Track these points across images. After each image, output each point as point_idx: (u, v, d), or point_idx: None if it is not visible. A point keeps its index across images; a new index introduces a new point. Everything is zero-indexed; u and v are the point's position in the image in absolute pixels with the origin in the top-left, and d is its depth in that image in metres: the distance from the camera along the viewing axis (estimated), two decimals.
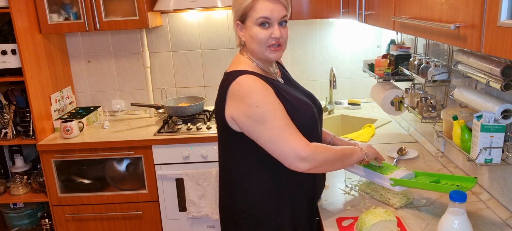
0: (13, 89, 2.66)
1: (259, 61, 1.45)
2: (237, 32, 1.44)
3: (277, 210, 1.45)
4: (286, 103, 1.37)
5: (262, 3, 1.34)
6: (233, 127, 1.38)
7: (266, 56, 1.41)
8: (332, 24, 2.95)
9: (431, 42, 1.99)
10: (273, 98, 1.34)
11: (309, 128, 1.44)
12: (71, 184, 2.67)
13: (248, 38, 1.40)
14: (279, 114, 1.31)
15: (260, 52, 1.40)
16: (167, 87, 3.09)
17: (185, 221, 2.67)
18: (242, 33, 1.42)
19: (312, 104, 1.49)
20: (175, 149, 2.54)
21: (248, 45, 1.42)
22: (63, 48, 2.96)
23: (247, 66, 1.42)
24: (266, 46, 1.39)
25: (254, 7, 1.35)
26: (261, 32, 1.36)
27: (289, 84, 1.54)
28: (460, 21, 1.08)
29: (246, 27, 1.40)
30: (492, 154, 1.33)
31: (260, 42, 1.38)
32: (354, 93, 3.08)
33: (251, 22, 1.37)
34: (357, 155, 1.48)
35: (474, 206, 1.51)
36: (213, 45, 3.01)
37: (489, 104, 1.33)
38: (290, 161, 1.30)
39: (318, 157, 1.32)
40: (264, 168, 1.41)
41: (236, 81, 1.34)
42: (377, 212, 1.36)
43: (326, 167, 1.39)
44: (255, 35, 1.37)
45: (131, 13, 2.63)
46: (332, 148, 1.40)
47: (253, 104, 1.30)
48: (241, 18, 1.40)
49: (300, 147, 1.28)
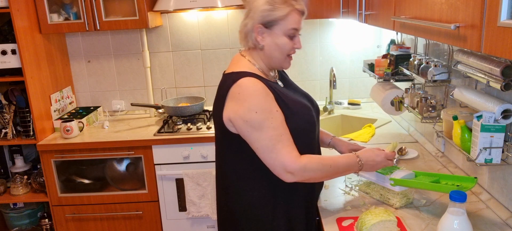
0: (13, 89, 2.66)
1: (263, 64, 1.45)
2: (254, 34, 1.40)
3: (272, 212, 1.45)
4: (285, 108, 1.37)
5: (295, 16, 1.38)
6: (230, 129, 1.38)
7: (281, 64, 1.45)
8: (332, 24, 2.95)
9: (431, 42, 1.99)
10: (272, 106, 1.34)
11: (307, 130, 1.45)
12: (71, 184, 2.67)
13: (272, 44, 1.40)
14: (275, 124, 1.32)
15: (278, 60, 1.43)
16: (167, 87, 3.09)
17: (185, 221, 2.67)
18: (262, 38, 1.40)
19: (310, 107, 1.50)
20: (175, 149, 2.54)
21: (267, 50, 1.42)
22: (63, 48, 2.96)
23: (247, 68, 1.41)
24: (286, 56, 1.43)
25: (287, 18, 1.37)
26: (288, 43, 1.40)
27: (288, 87, 1.54)
28: (460, 21, 1.08)
29: (272, 33, 1.39)
30: (492, 154, 1.33)
31: (284, 52, 1.42)
32: (354, 93, 3.08)
33: (280, 30, 1.38)
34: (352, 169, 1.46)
35: (474, 206, 1.51)
36: (213, 45, 3.01)
37: (489, 104, 1.33)
38: (277, 171, 1.33)
39: (305, 173, 1.33)
40: (260, 170, 1.41)
41: (237, 83, 1.34)
42: (377, 212, 1.36)
43: (313, 181, 1.42)
44: (283, 44, 1.40)
45: (131, 13, 2.63)
46: (326, 165, 1.37)
47: (252, 110, 1.31)
48: (268, 24, 1.38)
49: (288, 161, 1.30)
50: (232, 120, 1.35)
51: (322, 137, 1.71)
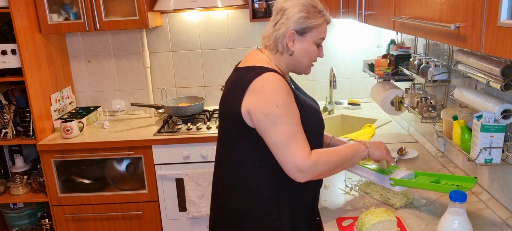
0: (13, 89, 2.66)
1: (285, 67, 1.47)
2: (286, 39, 1.42)
3: (277, 211, 1.45)
4: (301, 109, 1.39)
5: (325, 26, 1.46)
6: (247, 122, 1.38)
7: (305, 71, 1.50)
8: (332, 24, 2.95)
9: (431, 42, 1.99)
10: (292, 102, 1.36)
11: (319, 132, 1.50)
12: (71, 184, 2.67)
13: (302, 51, 1.44)
14: (293, 120, 1.33)
15: (304, 66, 1.48)
16: (167, 87, 3.09)
17: (185, 221, 2.67)
18: (293, 43, 1.43)
19: (318, 109, 1.54)
20: (175, 149, 2.54)
21: (296, 56, 1.45)
22: (63, 48, 2.96)
23: (268, 65, 1.42)
24: (311, 63, 1.49)
25: (321, 27, 1.43)
26: (316, 51, 1.46)
27: (299, 90, 1.57)
28: (460, 21, 1.08)
29: (304, 40, 1.43)
30: (492, 154, 1.33)
31: (311, 59, 1.47)
32: (354, 93, 3.08)
33: (312, 38, 1.43)
34: (359, 155, 1.47)
35: (474, 206, 1.51)
36: (213, 45, 3.01)
37: (489, 104, 1.33)
38: (288, 170, 1.33)
39: (317, 169, 1.33)
40: (268, 167, 1.41)
41: (261, 76, 1.34)
42: (377, 212, 1.36)
43: (325, 176, 1.43)
44: (312, 52, 1.45)
45: (131, 13, 2.63)
46: (334, 155, 1.39)
47: (274, 103, 1.31)
48: (302, 31, 1.41)
49: (300, 159, 1.31)
50: (251, 112, 1.34)
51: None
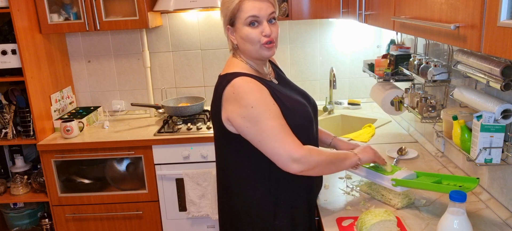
0: (13, 89, 2.66)
1: (253, 62, 1.46)
2: (228, 37, 1.45)
3: (274, 212, 1.45)
4: (281, 105, 1.38)
5: (249, 3, 1.35)
6: (230, 129, 1.39)
7: (260, 54, 1.41)
8: (332, 24, 2.95)
9: (431, 42, 1.99)
10: (268, 99, 1.35)
11: (305, 126, 1.45)
12: (71, 184, 2.67)
13: (240, 40, 1.41)
14: (273, 115, 1.32)
15: (254, 51, 1.41)
16: (167, 87, 3.09)
17: (185, 221, 2.67)
18: (234, 37, 1.43)
19: (306, 104, 1.50)
20: (175, 149, 2.54)
21: (241, 47, 1.43)
22: (63, 48, 2.96)
23: (241, 68, 1.42)
24: (260, 44, 1.39)
25: (241, 8, 1.36)
26: (251, 32, 1.37)
27: (283, 84, 1.54)
28: (460, 21, 1.08)
29: (236, 29, 1.41)
30: (492, 154, 1.33)
31: (253, 42, 1.38)
32: (354, 93, 3.08)
33: (240, 23, 1.38)
34: (350, 160, 1.47)
35: (474, 206, 1.51)
36: (213, 45, 3.01)
37: (489, 104, 1.33)
38: (283, 162, 1.31)
39: (311, 159, 1.32)
40: (261, 170, 1.41)
41: (231, 84, 1.35)
42: (377, 212, 1.36)
43: (319, 170, 1.39)
44: (246, 35, 1.38)
45: (131, 13, 2.63)
46: (325, 152, 1.39)
47: (248, 106, 1.31)
48: (231, 21, 1.41)
49: (293, 148, 1.29)
50: (231, 119, 1.35)
51: (323, 137, 1.71)
